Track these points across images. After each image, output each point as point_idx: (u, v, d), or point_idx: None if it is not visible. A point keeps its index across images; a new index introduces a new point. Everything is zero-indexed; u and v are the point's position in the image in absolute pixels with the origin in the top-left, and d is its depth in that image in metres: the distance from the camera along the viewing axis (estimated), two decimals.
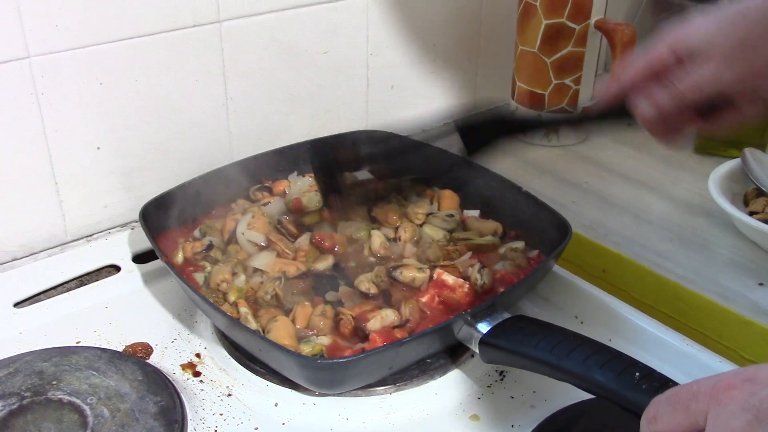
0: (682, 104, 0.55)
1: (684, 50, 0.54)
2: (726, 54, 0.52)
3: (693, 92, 0.54)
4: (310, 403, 0.63)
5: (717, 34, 0.53)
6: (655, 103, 0.56)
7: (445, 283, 0.69)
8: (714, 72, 0.53)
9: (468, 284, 0.69)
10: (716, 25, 0.53)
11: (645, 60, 0.56)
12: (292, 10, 0.90)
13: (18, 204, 0.78)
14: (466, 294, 0.69)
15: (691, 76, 0.54)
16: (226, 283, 0.70)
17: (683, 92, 0.54)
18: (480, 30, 1.10)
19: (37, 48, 0.74)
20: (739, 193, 0.87)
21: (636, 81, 0.57)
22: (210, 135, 0.89)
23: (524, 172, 0.97)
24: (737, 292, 0.75)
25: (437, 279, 0.70)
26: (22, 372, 0.62)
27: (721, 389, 0.37)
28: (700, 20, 0.54)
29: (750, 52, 0.52)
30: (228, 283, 0.70)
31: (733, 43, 0.52)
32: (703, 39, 0.53)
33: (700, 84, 0.54)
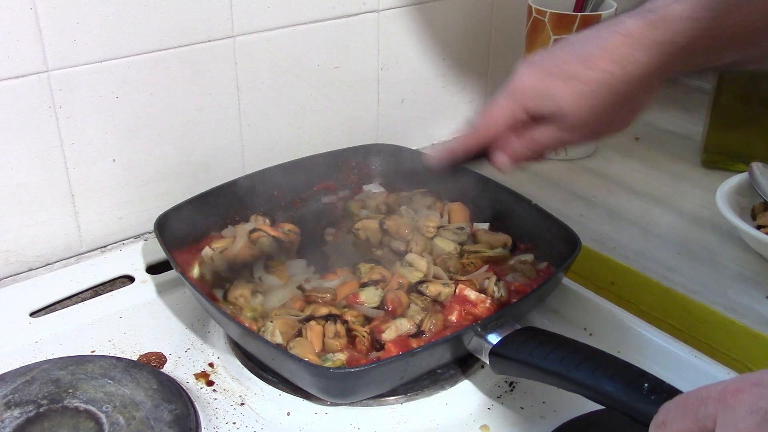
0: (535, 153, 0.65)
1: (540, 115, 0.62)
2: (573, 125, 0.61)
3: (545, 147, 0.64)
4: (322, 412, 0.64)
5: (569, 110, 0.60)
6: (512, 154, 0.65)
7: (467, 299, 0.70)
8: (561, 134, 0.63)
9: (490, 299, 0.70)
10: (570, 102, 0.60)
11: (507, 119, 0.64)
12: (304, 26, 0.91)
13: (35, 215, 0.80)
14: (487, 309, 0.69)
15: (544, 134, 0.63)
16: (244, 298, 0.71)
17: (537, 146, 0.64)
18: (489, 45, 1.11)
19: (56, 62, 0.75)
20: (746, 207, 0.88)
21: (497, 135, 0.65)
22: (223, 148, 0.90)
23: (533, 186, 0.98)
24: (745, 305, 0.76)
25: (459, 294, 0.70)
26: (38, 380, 0.63)
27: (729, 393, 0.38)
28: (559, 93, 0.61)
29: (593, 123, 0.62)
30: (245, 299, 0.71)
31: (580, 118, 0.61)
32: (557, 111, 0.61)
33: (551, 142, 0.63)
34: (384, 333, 0.65)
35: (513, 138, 0.65)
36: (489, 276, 0.73)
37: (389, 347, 0.64)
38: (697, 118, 1.12)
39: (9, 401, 0.61)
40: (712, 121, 1.00)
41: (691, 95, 1.25)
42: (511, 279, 0.74)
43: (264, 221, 0.82)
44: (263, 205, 0.85)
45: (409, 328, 0.66)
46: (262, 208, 0.84)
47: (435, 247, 0.79)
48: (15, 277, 0.81)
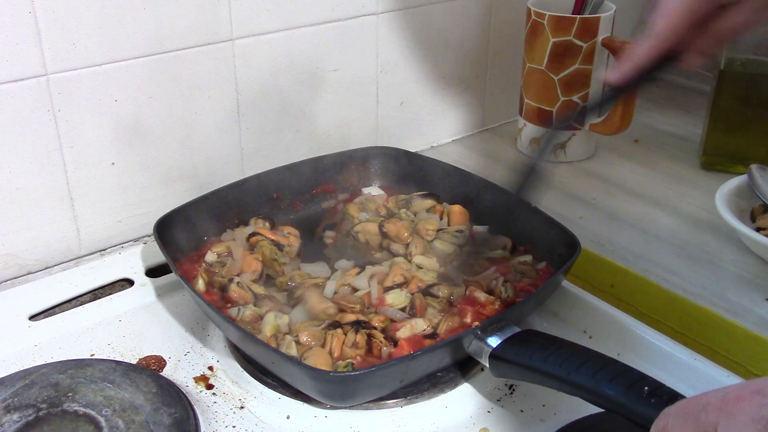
0: (723, 44, 0.61)
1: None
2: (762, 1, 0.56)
3: (735, 35, 0.58)
4: (321, 415, 0.64)
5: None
6: (707, 53, 0.59)
7: (477, 300, 0.70)
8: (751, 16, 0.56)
9: (499, 301, 0.70)
10: None
11: (684, 14, 0.57)
12: (303, 28, 0.91)
13: (34, 218, 0.80)
14: (496, 310, 0.69)
15: (732, 21, 0.56)
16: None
17: (724, 36, 0.57)
18: (488, 47, 1.11)
19: (55, 65, 0.75)
20: (746, 209, 0.88)
21: (679, 35, 0.58)
22: (222, 151, 0.90)
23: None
24: (745, 307, 0.76)
25: (469, 295, 0.70)
26: (38, 384, 0.63)
27: (730, 401, 0.37)
28: None
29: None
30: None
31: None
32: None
33: (741, 28, 0.57)
34: (399, 331, 0.65)
35: (698, 36, 0.58)
36: (496, 277, 0.73)
37: (402, 345, 0.64)
38: (696, 120, 1.12)
39: (8, 405, 0.61)
40: (711, 123, 1.01)
41: (691, 97, 1.25)
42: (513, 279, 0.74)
43: (264, 224, 0.82)
44: (262, 208, 0.85)
45: (425, 328, 0.66)
46: (262, 211, 0.84)
47: (435, 249, 0.79)
48: (14, 280, 0.81)
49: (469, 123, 1.15)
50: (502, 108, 1.17)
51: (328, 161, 0.90)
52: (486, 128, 1.17)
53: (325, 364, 0.63)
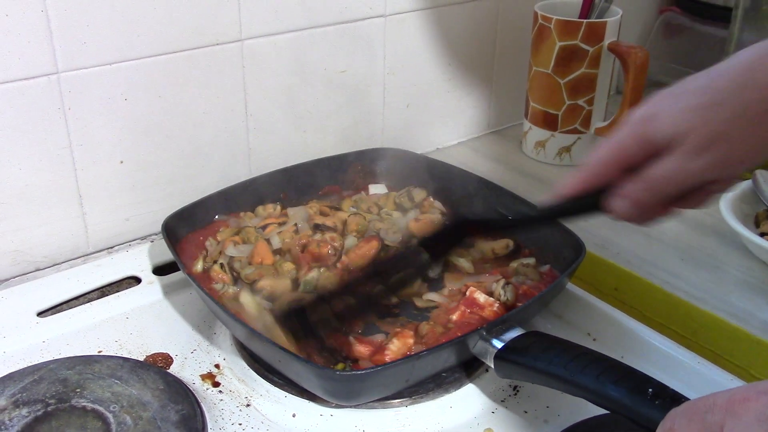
0: (656, 195, 0.54)
1: (655, 137, 0.52)
2: (697, 145, 0.51)
3: (666, 184, 0.53)
4: (327, 414, 0.64)
5: (686, 127, 0.51)
6: (629, 198, 0.54)
7: (476, 302, 0.70)
8: (685, 164, 0.51)
9: (498, 303, 0.70)
10: (685, 117, 0.51)
11: (616, 147, 0.54)
12: (311, 30, 0.92)
13: (42, 216, 0.80)
14: (495, 313, 0.69)
15: (665, 167, 0.52)
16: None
17: (656, 184, 0.53)
18: (494, 50, 1.12)
19: (66, 64, 0.76)
20: (749, 214, 0.88)
21: (608, 168, 0.55)
22: (230, 150, 0.91)
23: (537, 191, 0.98)
24: (748, 311, 0.76)
25: (469, 296, 0.71)
26: (46, 379, 0.64)
27: (736, 401, 0.38)
28: (669, 110, 0.52)
29: (720, 143, 0.50)
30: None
31: (704, 134, 0.50)
32: (671, 132, 0.51)
33: (672, 176, 0.52)
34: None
35: (628, 180, 0.54)
36: (497, 279, 0.73)
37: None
38: None
39: (17, 400, 0.61)
40: None
41: None
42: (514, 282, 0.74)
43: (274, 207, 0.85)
44: None
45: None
46: None
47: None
48: (22, 277, 0.81)
49: (475, 125, 1.16)
50: (507, 111, 1.17)
51: (335, 162, 0.91)
52: (491, 131, 1.18)
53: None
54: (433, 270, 0.73)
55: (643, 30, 1.29)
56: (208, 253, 0.78)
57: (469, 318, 0.69)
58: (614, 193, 0.55)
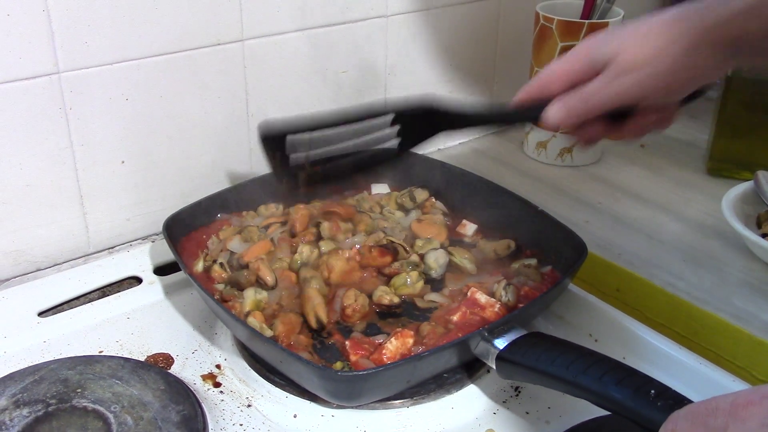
0: (587, 107, 0.58)
1: (599, 60, 0.57)
2: (624, 65, 0.55)
3: (595, 97, 0.57)
4: (328, 415, 0.64)
5: (620, 50, 0.55)
6: (563, 105, 0.59)
7: (477, 302, 0.70)
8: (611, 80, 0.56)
9: (499, 304, 0.70)
10: (622, 41, 0.55)
11: (562, 64, 0.59)
12: (312, 30, 0.92)
13: (44, 215, 0.80)
14: (496, 314, 0.69)
15: (596, 82, 0.57)
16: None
17: (587, 96, 0.57)
18: (496, 51, 1.12)
19: (67, 64, 0.76)
20: (751, 215, 0.88)
21: (552, 83, 0.60)
22: (231, 151, 0.91)
23: (538, 192, 0.98)
24: (750, 312, 0.76)
25: (470, 297, 0.71)
26: (47, 380, 0.64)
27: (740, 406, 0.38)
28: (618, 30, 0.57)
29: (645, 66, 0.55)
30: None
31: (632, 55, 0.55)
32: (611, 49, 0.56)
33: (601, 90, 0.57)
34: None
35: (570, 93, 0.59)
36: (499, 280, 0.73)
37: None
38: (702, 126, 1.12)
39: (18, 400, 0.61)
40: (717, 129, 1.01)
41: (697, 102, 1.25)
42: (516, 282, 0.74)
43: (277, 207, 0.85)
44: None
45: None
46: None
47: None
48: (23, 277, 0.81)
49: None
50: None
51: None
52: (493, 131, 1.18)
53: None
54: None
55: None
56: (209, 251, 0.78)
57: (470, 319, 0.69)
58: (553, 100, 0.60)
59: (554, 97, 0.60)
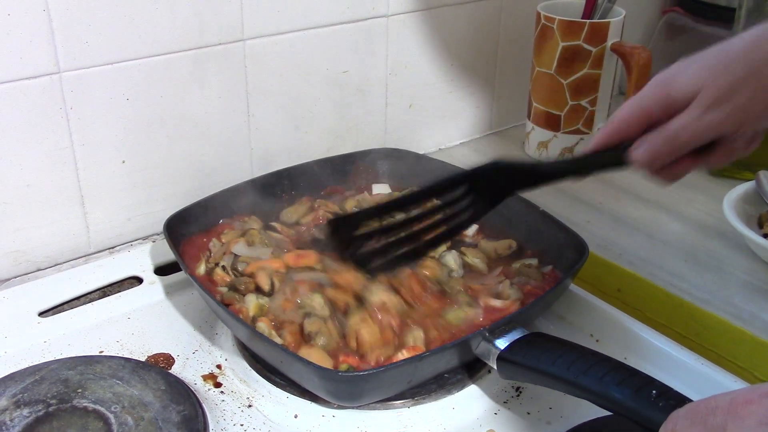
0: (675, 146, 0.56)
1: (674, 94, 0.56)
2: (712, 98, 0.54)
3: (684, 135, 0.56)
4: (329, 415, 0.64)
5: (701, 84, 0.54)
6: (648, 147, 0.57)
7: (495, 308, 0.70)
8: (702, 115, 0.55)
9: (519, 302, 0.71)
10: (701, 75, 0.55)
11: (637, 104, 0.58)
12: (313, 30, 0.92)
13: (44, 216, 0.80)
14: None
15: (682, 119, 0.55)
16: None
17: (675, 135, 0.56)
18: (497, 51, 1.12)
19: (68, 64, 0.76)
20: (753, 215, 0.88)
21: (630, 125, 0.58)
22: (232, 151, 0.91)
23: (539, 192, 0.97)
24: (751, 313, 0.76)
25: (485, 306, 0.70)
26: (47, 380, 0.64)
27: (739, 404, 0.38)
28: (686, 71, 0.56)
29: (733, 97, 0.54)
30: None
31: (718, 87, 0.54)
32: (687, 89, 0.55)
33: (687, 127, 0.55)
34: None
35: (650, 132, 0.57)
36: (501, 280, 0.73)
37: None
38: None
39: (18, 400, 0.61)
40: None
41: None
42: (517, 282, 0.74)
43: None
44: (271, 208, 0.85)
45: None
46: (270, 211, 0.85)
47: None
48: (24, 277, 0.81)
49: (478, 126, 1.15)
50: (510, 111, 1.17)
51: (337, 162, 0.91)
52: (494, 131, 1.18)
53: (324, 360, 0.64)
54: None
55: (646, 31, 1.29)
56: (211, 254, 0.77)
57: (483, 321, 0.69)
58: (635, 144, 0.58)
59: (633, 139, 0.58)
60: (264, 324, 0.67)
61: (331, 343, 0.66)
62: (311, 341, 0.66)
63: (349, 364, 0.64)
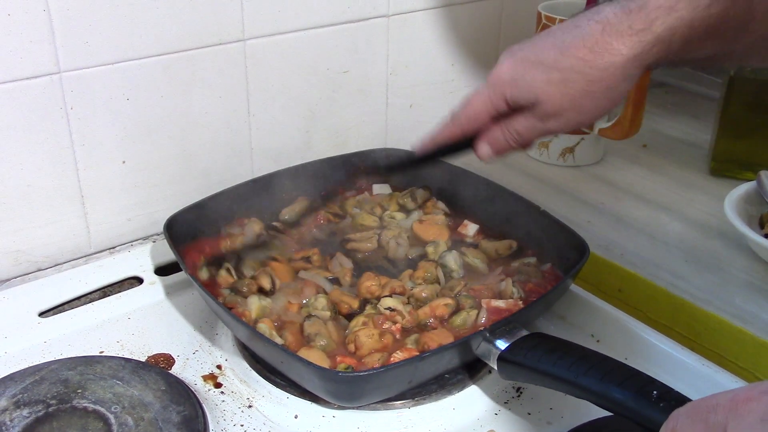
0: (516, 144, 0.66)
1: (515, 102, 0.63)
2: (552, 111, 0.62)
3: (525, 136, 0.65)
4: (329, 415, 0.64)
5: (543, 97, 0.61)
6: (494, 145, 0.67)
7: (500, 308, 0.70)
8: (541, 123, 0.63)
9: (521, 300, 0.71)
10: (542, 88, 0.61)
11: (484, 108, 0.65)
12: (314, 30, 0.92)
13: (44, 215, 0.80)
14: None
15: (523, 123, 0.64)
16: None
17: (517, 136, 0.65)
18: (498, 50, 1.11)
19: (68, 64, 0.76)
20: (754, 215, 0.88)
21: (475, 123, 0.67)
22: (232, 151, 0.91)
23: (540, 192, 0.98)
24: (752, 313, 0.76)
25: (489, 308, 0.70)
26: (47, 380, 0.63)
27: (739, 402, 0.38)
28: (529, 79, 0.62)
29: (569, 111, 0.62)
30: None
31: (555, 104, 0.61)
32: (531, 98, 0.62)
33: (530, 130, 0.64)
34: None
35: (494, 128, 0.66)
36: (503, 279, 0.73)
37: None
38: (705, 126, 1.12)
39: (18, 401, 0.61)
40: (720, 129, 1.01)
41: (700, 103, 1.25)
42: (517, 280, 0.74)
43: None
44: (271, 208, 0.85)
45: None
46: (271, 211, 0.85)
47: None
48: (24, 277, 0.81)
49: None
50: None
51: (337, 162, 0.91)
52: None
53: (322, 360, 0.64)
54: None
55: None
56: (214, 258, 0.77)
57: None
58: (481, 139, 0.67)
59: (476, 132, 0.67)
60: (265, 325, 0.67)
61: (331, 345, 0.67)
62: (311, 342, 0.66)
63: (348, 364, 0.64)
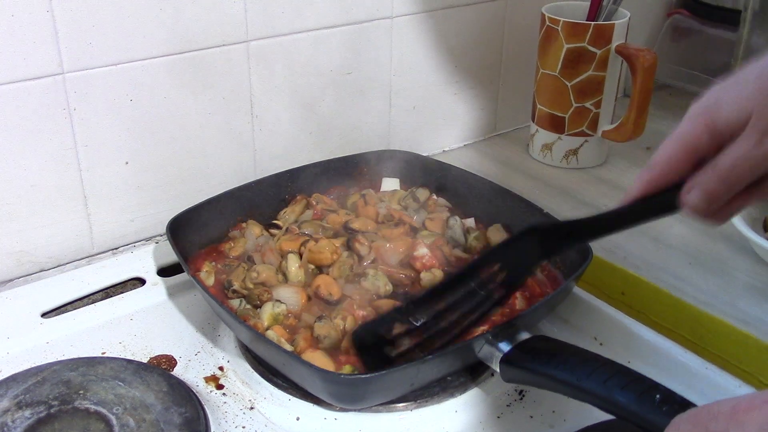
0: (732, 182, 0.50)
1: (720, 125, 0.50)
2: (762, 129, 0.48)
3: (741, 168, 0.49)
4: (331, 418, 0.64)
5: (750, 112, 0.48)
6: (702, 189, 0.50)
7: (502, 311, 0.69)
8: (758, 143, 0.48)
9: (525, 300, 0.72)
10: (748, 102, 0.48)
11: (680, 142, 0.51)
12: (317, 31, 0.92)
13: (47, 216, 0.80)
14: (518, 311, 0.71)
15: (737, 150, 0.49)
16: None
17: (731, 169, 0.49)
18: (501, 52, 1.11)
19: (71, 64, 0.76)
20: (758, 218, 0.87)
21: (675, 166, 0.52)
22: (235, 152, 0.91)
23: (544, 194, 0.98)
24: (756, 316, 0.76)
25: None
26: (49, 381, 0.63)
27: (741, 410, 0.38)
28: (730, 97, 0.50)
29: None
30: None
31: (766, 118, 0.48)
32: (735, 117, 0.49)
33: (742, 160, 0.49)
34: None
35: (699, 172, 0.51)
36: None
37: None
38: None
39: (20, 402, 0.61)
40: None
41: None
42: None
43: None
44: (274, 209, 0.85)
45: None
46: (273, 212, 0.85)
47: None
48: (27, 277, 0.81)
49: (482, 128, 1.15)
50: (514, 113, 1.17)
51: (341, 164, 0.90)
52: (498, 133, 1.17)
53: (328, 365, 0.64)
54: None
55: (651, 32, 1.28)
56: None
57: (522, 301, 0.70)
58: (686, 187, 0.51)
59: (680, 181, 0.52)
60: (274, 332, 0.67)
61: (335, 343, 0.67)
62: (319, 344, 0.66)
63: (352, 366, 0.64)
